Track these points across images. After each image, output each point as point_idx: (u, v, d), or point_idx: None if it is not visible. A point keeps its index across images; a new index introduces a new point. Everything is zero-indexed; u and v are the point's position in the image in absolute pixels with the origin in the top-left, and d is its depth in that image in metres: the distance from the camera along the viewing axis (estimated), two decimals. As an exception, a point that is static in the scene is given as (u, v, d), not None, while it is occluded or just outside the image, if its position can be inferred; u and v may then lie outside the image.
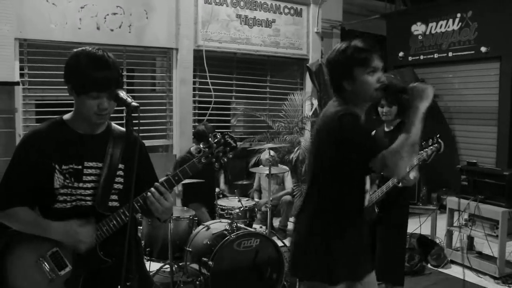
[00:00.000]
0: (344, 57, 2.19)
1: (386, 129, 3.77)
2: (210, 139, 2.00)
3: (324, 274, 2.17)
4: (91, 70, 1.81)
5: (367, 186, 2.36)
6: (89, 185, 1.94)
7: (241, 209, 4.43)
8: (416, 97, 2.04)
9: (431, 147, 3.34)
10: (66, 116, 1.99)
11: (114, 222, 1.93)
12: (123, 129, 2.05)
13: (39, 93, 5.59)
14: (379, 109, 3.72)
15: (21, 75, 5.37)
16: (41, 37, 5.41)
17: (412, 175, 3.48)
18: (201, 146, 2.00)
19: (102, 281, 1.95)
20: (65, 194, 1.91)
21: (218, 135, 2.01)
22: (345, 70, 2.17)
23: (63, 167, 1.90)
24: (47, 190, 1.90)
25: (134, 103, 1.75)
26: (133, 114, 1.77)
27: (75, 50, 1.90)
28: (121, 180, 2.01)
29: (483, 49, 6.95)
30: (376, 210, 3.53)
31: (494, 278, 4.69)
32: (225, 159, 2.03)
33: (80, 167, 1.93)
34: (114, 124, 2.10)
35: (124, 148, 2.02)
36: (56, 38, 5.46)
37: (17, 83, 5.14)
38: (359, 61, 2.14)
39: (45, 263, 1.90)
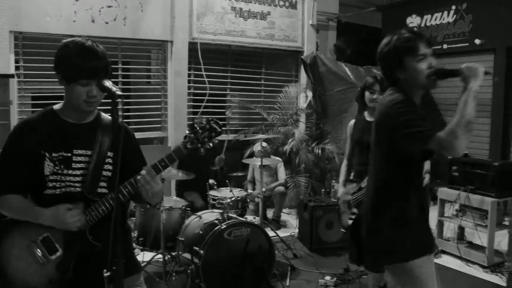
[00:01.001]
0: (392, 48, 2.29)
1: (368, 119, 3.73)
2: (195, 124, 2.00)
3: (420, 248, 2.27)
4: (80, 58, 1.88)
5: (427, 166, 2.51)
6: (78, 172, 2.00)
7: (233, 199, 4.49)
8: (468, 77, 2.10)
9: None
10: (56, 106, 2.06)
11: (103, 207, 1.98)
12: (109, 118, 2.10)
13: (34, 85, 5.64)
14: (368, 94, 3.66)
15: (16, 68, 5.41)
16: (36, 29, 5.44)
17: None
18: (187, 132, 2.01)
19: (91, 265, 1.99)
20: (54, 181, 1.97)
21: (203, 121, 2.01)
22: (395, 60, 2.27)
23: (53, 154, 1.97)
24: (37, 177, 1.96)
25: (118, 92, 1.79)
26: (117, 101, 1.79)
27: (64, 41, 1.97)
28: (110, 167, 2.06)
29: (477, 41, 6.97)
30: None
31: (483, 267, 4.75)
32: (211, 144, 2.01)
33: (69, 154, 1.99)
34: (103, 114, 2.15)
35: (113, 136, 2.04)
36: (51, 31, 5.50)
37: (12, 76, 5.18)
38: (407, 49, 2.23)
39: (37, 248, 1.95)
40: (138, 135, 5.75)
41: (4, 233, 1.98)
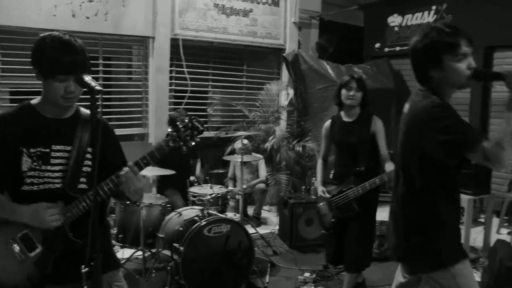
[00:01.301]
0: (430, 43, 2.05)
1: (345, 119, 3.71)
2: (177, 123, 2.01)
3: (457, 253, 2.15)
4: (58, 53, 1.85)
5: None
6: (57, 167, 1.98)
7: (213, 196, 4.49)
8: None
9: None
10: (34, 101, 2.03)
11: (84, 204, 1.98)
12: (88, 113, 2.09)
13: (13, 80, 5.55)
14: (344, 92, 3.60)
15: (-5, 62, 5.34)
16: (15, 23, 5.35)
17: None
18: (169, 130, 2.01)
19: (71, 261, 1.97)
20: (32, 177, 1.95)
21: (186, 119, 2.02)
22: (432, 58, 2.04)
23: (31, 150, 1.94)
24: (14, 173, 1.93)
25: (97, 87, 1.78)
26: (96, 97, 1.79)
27: (41, 35, 1.95)
28: (90, 163, 2.05)
29: (456, 41, 7.07)
30: (356, 206, 3.55)
31: (459, 263, 4.84)
32: (193, 143, 2.03)
33: (48, 150, 1.97)
34: (82, 108, 2.14)
35: (92, 131, 2.04)
36: (30, 24, 5.41)
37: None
38: (448, 46, 2.01)
39: (15, 245, 1.93)
40: (118, 131, 5.75)
41: None
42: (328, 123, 3.87)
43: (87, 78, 1.84)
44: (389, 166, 3.45)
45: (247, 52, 7.44)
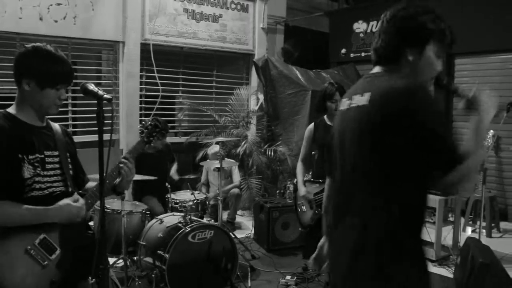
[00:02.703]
0: (421, 22, 1.67)
1: (329, 123, 3.76)
2: (143, 123, 2.37)
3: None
4: (56, 65, 2.01)
5: None
6: (52, 172, 2.08)
7: (194, 202, 4.47)
8: (485, 108, 1.66)
9: None
10: (11, 110, 2.07)
11: (90, 199, 2.13)
12: (56, 123, 2.26)
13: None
14: (330, 105, 3.73)
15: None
16: (-23, 26, 5.16)
17: None
18: (140, 127, 2.36)
19: (83, 262, 2.07)
20: (39, 182, 2.00)
21: (149, 119, 2.39)
22: (422, 37, 1.67)
23: (30, 157, 1.99)
24: (17, 181, 1.95)
25: (106, 95, 1.87)
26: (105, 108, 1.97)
27: (24, 47, 2.05)
28: (71, 167, 2.19)
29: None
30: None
31: (431, 261, 5.03)
32: (154, 141, 2.35)
33: (42, 156, 2.05)
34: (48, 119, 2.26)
35: (66, 139, 2.24)
36: (-6, 27, 5.23)
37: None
38: (437, 33, 1.68)
39: (36, 251, 1.94)
40: (88, 137, 5.64)
41: None
42: (311, 126, 3.97)
43: (92, 87, 1.97)
44: None
45: (216, 57, 7.45)
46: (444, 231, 5.20)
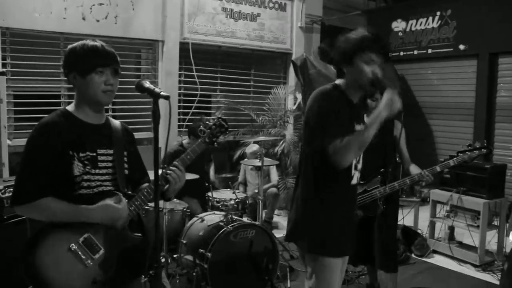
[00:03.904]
0: (349, 42, 2.32)
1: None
2: (208, 122, 2.27)
3: (320, 247, 2.36)
4: (92, 50, 1.99)
5: (359, 165, 2.48)
6: (104, 171, 2.05)
7: (235, 201, 4.47)
8: (386, 105, 2.17)
9: (477, 151, 3.44)
10: (69, 108, 2.08)
11: (139, 201, 2.07)
12: (117, 121, 2.26)
13: (22, 83, 5.45)
14: (371, 102, 3.57)
15: (3, 65, 5.23)
16: (25, 26, 5.26)
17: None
18: (202, 127, 2.25)
19: (130, 262, 2.05)
20: (88, 180, 1.99)
21: (213, 118, 2.30)
22: (346, 54, 2.31)
23: (81, 154, 1.98)
24: (66, 178, 1.95)
25: (163, 93, 1.84)
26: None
27: (70, 46, 2.05)
28: (126, 166, 2.15)
29: (461, 46, 7.17)
30: (381, 205, 3.57)
31: (475, 266, 4.89)
32: (220, 140, 2.31)
33: (94, 154, 2.03)
34: (109, 117, 2.25)
35: (125, 138, 2.19)
36: (40, 27, 5.32)
37: (3, 73, 4.99)
38: (360, 47, 2.26)
39: (79, 250, 1.93)
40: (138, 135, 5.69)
41: (39, 240, 1.92)
42: None
43: (147, 84, 1.93)
44: (414, 169, 3.59)
45: (254, 56, 7.44)
46: (489, 236, 5.04)
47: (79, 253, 1.93)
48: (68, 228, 1.93)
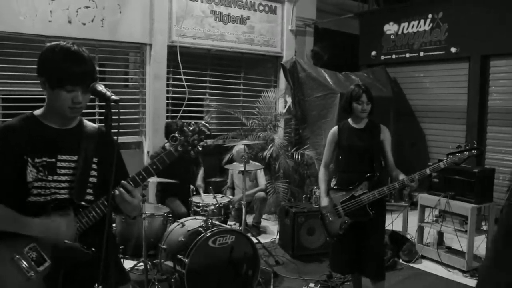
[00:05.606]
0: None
1: (354, 126, 3.71)
2: (185, 127, 2.02)
3: None
4: (66, 63, 1.83)
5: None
6: (63, 178, 1.94)
7: (216, 206, 4.41)
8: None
9: (467, 152, 3.37)
10: (37, 112, 1.99)
11: (94, 213, 1.93)
12: (94, 124, 2.11)
13: (9, 87, 5.41)
14: (356, 105, 3.60)
15: (-12, 69, 5.20)
16: (9, 29, 5.21)
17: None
18: (177, 135, 2.01)
19: (81, 276, 1.91)
20: (39, 187, 1.89)
21: (192, 124, 2.04)
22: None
23: (36, 160, 1.88)
24: (19, 184, 1.87)
25: (113, 97, 1.79)
26: (112, 110, 1.81)
27: (49, 44, 1.91)
28: (95, 173, 2.02)
29: (453, 49, 7.11)
30: (370, 211, 3.51)
31: (463, 271, 4.81)
32: (200, 148, 2.04)
33: (53, 160, 1.92)
34: (85, 120, 2.12)
35: (97, 142, 2.04)
36: (25, 30, 5.28)
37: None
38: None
39: (22, 260, 1.83)
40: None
41: None
42: (335, 129, 3.81)
43: (101, 88, 1.83)
44: (400, 174, 3.52)
45: (244, 60, 7.38)
46: (477, 240, 4.97)
47: (23, 263, 1.82)
48: (14, 237, 1.83)
